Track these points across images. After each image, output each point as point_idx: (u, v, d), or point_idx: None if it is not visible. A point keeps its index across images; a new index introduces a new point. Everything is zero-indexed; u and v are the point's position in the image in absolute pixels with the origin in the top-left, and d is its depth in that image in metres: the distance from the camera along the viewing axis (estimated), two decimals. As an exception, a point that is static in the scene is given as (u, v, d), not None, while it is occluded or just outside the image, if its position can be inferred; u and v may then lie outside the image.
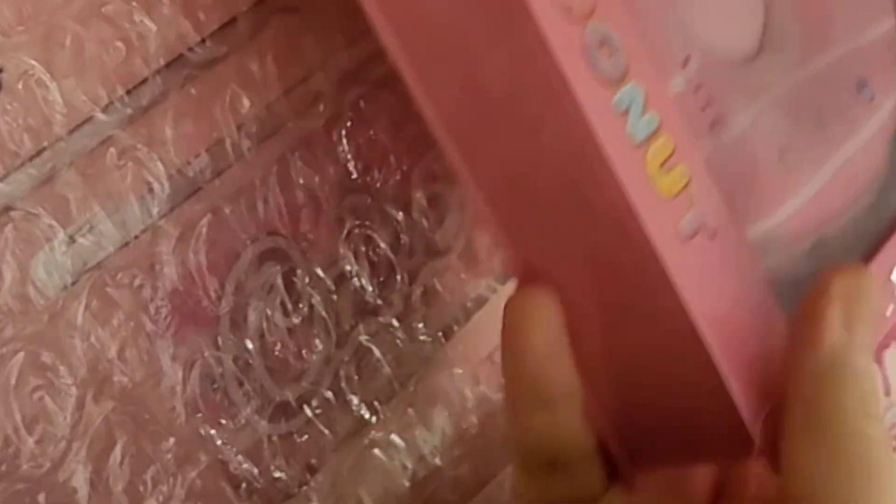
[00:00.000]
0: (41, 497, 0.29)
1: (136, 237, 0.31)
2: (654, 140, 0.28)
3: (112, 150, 0.31)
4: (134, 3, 0.31)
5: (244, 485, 0.34)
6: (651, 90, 0.28)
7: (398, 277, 0.38)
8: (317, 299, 0.36)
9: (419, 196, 0.38)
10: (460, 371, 0.40)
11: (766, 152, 0.34)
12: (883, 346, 0.55)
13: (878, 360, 0.55)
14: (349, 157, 0.36)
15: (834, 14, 0.38)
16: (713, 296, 0.29)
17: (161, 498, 0.32)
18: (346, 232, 0.36)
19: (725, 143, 0.32)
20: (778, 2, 0.38)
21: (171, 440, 0.32)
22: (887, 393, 0.56)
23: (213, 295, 0.33)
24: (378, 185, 0.37)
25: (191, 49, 0.32)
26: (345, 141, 0.36)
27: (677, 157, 0.28)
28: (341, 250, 0.36)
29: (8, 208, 0.29)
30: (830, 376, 0.28)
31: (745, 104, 0.34)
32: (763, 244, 0.34)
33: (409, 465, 0.38)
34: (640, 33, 0.29)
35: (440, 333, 0.39)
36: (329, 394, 0.37)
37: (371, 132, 0.37)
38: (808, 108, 0.36)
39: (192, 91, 0.32)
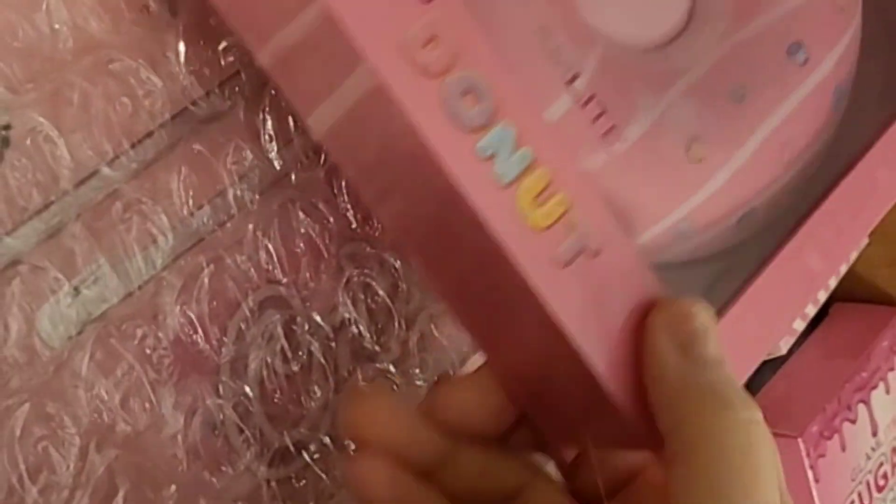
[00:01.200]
0: (44, 545, 0.30)
1: (140, 288, 0.32)
2: (526, 176, 0.29)
3: (118, 203, 0.31)
4: (141, 61, 0.31)
5: (244, 530, 0.35)
6: (524, 125, 0.29)
7: (396, 324, 0.39)
8: (316, 346, 0.36)
9: (417, 245, 0.39)
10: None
11: (673, 147, 0.34)
12: (871, 387, 0.56)
13: (866, 400, 0.56)
14: (349, 206, 0.37)
15: None
16: (595, 314, 0.30)
17: (162, 544, 0.32)
18: (345, 280, 0.37)
19: (622, 151, 0.33)
20: None
21: (173, 487, 0.33)
22: (875, 433, 0.57)
23: (214, 343, 0.34)
24: (377, 233, 0.38)
25: (195, 103, 0.33)
26: (345, 191, 0.37)
27: (554, 186, 0.29)
28: (340, 298, 0.37)
29: (16, 262, 0.29)
30: (676, 393, 0.29)
31: (649, 102, 0.34)
32: (678, 232, 0.35)
33: (405, 508, 0.39)
34: (516, 67, 0.29)
35: (436, 378, 0.40)
36: (327, 439, 0.37)
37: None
38: (728, 84, 0.36)
39: (196, 145, 0.33)
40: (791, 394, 0.54)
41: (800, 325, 0.53)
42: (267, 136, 0.35)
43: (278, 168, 0.35)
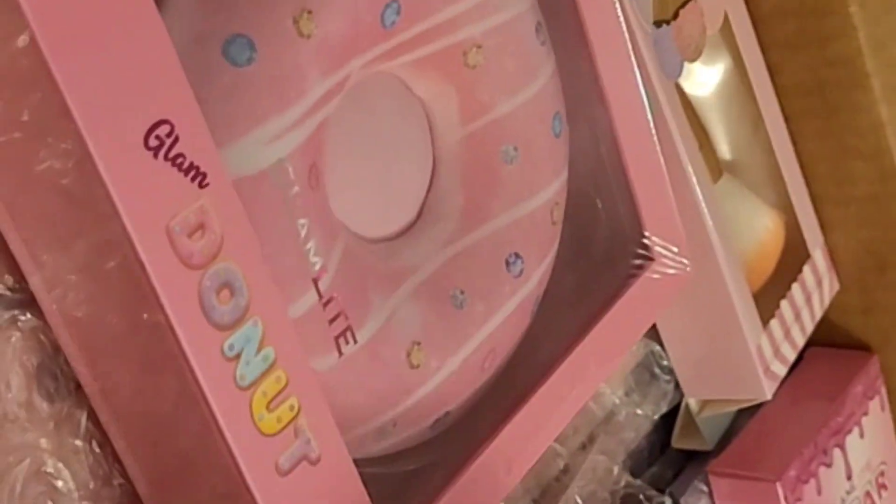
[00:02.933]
0: None
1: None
2: (265, 378, 0.30)
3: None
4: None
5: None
6: (271, 324, 0.30)
7: None
8: None
9: None
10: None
11: (395, 352, 0.35)
12: (846, 432, 0.57)
13: (841, 444, 0.57)
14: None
15: (498, 184, 0.39)
16: None
17: None
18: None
19: (351, 354, 0.34)
20: (446, 168, 0.39)
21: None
22: (849, 476, 0.58)
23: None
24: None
25: None
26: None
27: (289, 390, 0.30)
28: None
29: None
30: None
31: (381, 302, 0.35)
32: (385, 430, 0.36)
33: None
34: (272, 258, 0.30)
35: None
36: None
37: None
38: (451, 288, 0.38)
39: None
40: (768, 438, 0.55)
41: (781, 370, 0.54)
42: None
43: None
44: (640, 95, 0.43)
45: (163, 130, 0.27)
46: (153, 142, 0.27)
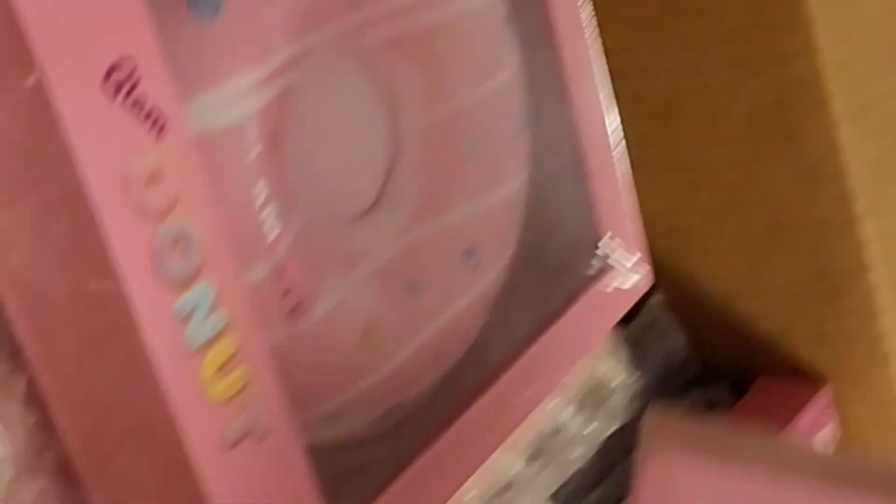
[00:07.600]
0: None
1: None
2: (216, 343, 0.28)
3: None
4: None
5: None
6: (224, 286, 0.28)
7: None
8: None
9: None
10: None
11: (348, 334, 0.35)
12: (821, 426, 0.57)
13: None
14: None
15: (459, 175, 0.39)
16: (250, 501, 0.30)
17: None
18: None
19: (302, 330, 0.33)
20: (407, 154, 0.38)
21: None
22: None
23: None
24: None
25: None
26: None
27: (238, 359, 0.29)
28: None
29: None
30: None
31: (335, 283, 0.34)
32: (336, 415, 0.35)
33: None
34: (229, 218, 0.29)
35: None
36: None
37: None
38: (407, 276, 0.37)
39: None
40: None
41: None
42: None
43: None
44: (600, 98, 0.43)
45: (123, 72, 0.26)
46: (112, 83, 0.26)
